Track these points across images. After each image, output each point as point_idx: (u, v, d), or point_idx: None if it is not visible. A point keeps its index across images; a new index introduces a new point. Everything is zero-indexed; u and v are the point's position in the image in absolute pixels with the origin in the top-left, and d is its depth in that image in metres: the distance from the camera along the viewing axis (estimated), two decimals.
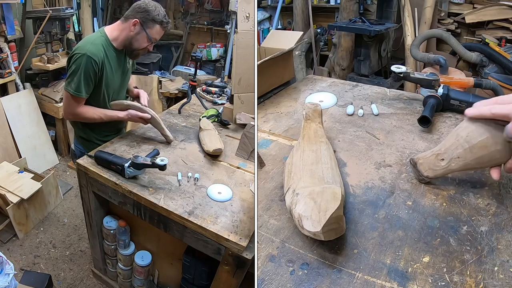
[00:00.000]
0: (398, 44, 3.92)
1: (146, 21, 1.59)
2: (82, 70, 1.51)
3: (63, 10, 3.34)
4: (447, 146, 0.88)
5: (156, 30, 1.62)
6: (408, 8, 3.58)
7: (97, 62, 1.54)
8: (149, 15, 1.58)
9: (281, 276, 0.74)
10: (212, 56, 4.16)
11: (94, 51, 1.53)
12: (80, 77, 1.52)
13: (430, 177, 0.93)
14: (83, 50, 1.52)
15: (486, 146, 0.80)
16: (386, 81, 3.39)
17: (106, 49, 1.59)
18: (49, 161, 3.46)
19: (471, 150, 0.83)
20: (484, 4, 3.31)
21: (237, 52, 1.73)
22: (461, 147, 0.84)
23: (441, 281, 0.69)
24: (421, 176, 0.94)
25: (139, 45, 1.64)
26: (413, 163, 0.96)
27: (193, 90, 2.12)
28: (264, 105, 1.58)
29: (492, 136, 0.79)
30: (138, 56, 1.72)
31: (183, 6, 4.42)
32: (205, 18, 4.41)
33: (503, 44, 3.18)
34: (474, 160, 0.83)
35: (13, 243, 2.56)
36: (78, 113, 1.62)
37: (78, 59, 1.52)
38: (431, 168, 0.92)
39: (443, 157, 0.89)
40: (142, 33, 1.61)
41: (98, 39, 1.60)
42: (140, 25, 1.59)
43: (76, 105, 1.60)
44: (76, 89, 1.54)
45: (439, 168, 0.90)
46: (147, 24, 1.59)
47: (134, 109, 1.66)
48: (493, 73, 2.99)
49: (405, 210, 0.89)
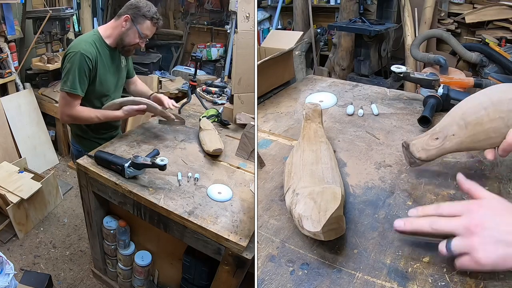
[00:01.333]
0: (398, 44, 3.92)
1: (137, 17, 1.61)
2: (76, 67, 1.53)
3: (63, 10, 3.34)
4: (442, 125, 0.87)
5: (147, 26, 1.64)
6: (408, 8, 3.58)
7: (91, 59, 1.56)
8: (140, 11, 1.61)
9: (281, 276, 0.74)
10: (212, 56, 4.16)
11: (87, 48, 1.56)
12: (74, 74, 1.54)
13: (423, 158, 0.88)
14: (77, 49, 1.55)
15: (481, 123, 0.79)
16: (386, 81, 3.39)
17: (99, 46, 1.62)
18: (49, 161, 3.46)
19: (466, 127, 0.81)
20: (484, 4, 3.31)
21: (237, 52, 1.73)
22: (456, 124, 0.83)
23: (441, 281, 0.69)
24: (413, 158, 0.90)
25: (130, 40, 1.66)
26: (406, 145, 0.92)
27: (193, 90, 2.12)
28: (264, 105, 1.58)
29: (487, 113, 0.78)
30: (130, 52, 1.73)
31: (183, 6, 4.42)
32: (205, 18, 4.41)
33: (503, 44, 3.18)
34: (469, 138, 0.81)
35: (13, 243, 2.56)
36: (74, 113, 1.62)
37: (72, 57, 1.54)
38: (424, 148, 0.88)
39: (438, 136, 0.86)
40: (133, 29, 1.63)
41: (91, 37, 1.63)
42: (131, 21, 1.62)
43: (72, 104, 1.60)
44: (72, 86, 1.55)
45: (433, 147, 0.86)
46: (137, 20, 1.62)
47: (128, 104, 1.66)
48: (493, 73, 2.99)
49: (405, 210, 0.89)
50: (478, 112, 0.80)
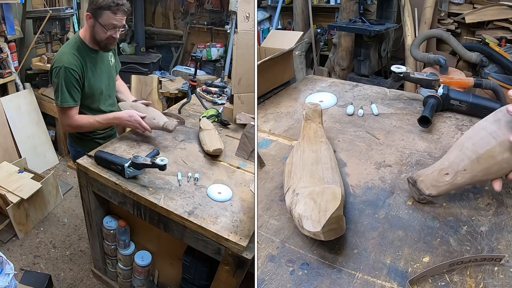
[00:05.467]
0: (398, 44, 3.92)
1: (95, 11, 1.56)
2: (63, 82, 1.55)
3: (63, 10, 3.34)
4: (451, 160, 0.83)
5: (108, 16, 1.55)
6: (408, 8, 3.58)
7: (76, 70, 1.56)
8: (95, 5, 1.55)
9: (281, 276, 0.74)
10: (212, 56, 4.16)
11: (70, 60, 1.56)
12: (63, 88, 1.55)
13: (433, 195, 0.87)
14: (60, 63, 1.55)
15: (493, 155, 0.76)
16: (386, 81, 3.39)
17: (82, 53, 1.61)
18: (49, 161, 3.46)
19: (478, 161, 0.78)
20: (484, 4, 3.31)
21: (237, 52, 1.73)
22: (468, 159, 0.80)
23: (441, 281, 0.69)
24: (422, 195, 0.88)
25: (100, 37, 1.61)
26: (412, 182, 0.90)
27: (193, 90, 2.12)
28: (264, 105, 1.58)
29: (499, 143, 0.75)
30: (108, 47, 1.68)
31: (183, 6, 4.42)
32: (205, 18, 4.41)
33: (503, 44, 3.18)
34: (481, 172, 0.79)
35: (13, 243, 2.56)
36: (74, 123, 1.63)
37: (57, 73, 1.55)
38: (434, 185, 0.86)
39: (447, 171, 0.83)
40: (97, 25, 1.58)
41: (73, 46, 1.61)
42: (92, 18, 1.58)
43: (69, 115, 1.62)
44: (63, 101, 1.57)
45: (443, 183, 0.84)
46: (97, 14, 1.56)
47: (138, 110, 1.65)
48: (493, 73, 2.99)
49: (405, 210, 0.89)
50: (489, 143, 0.77)
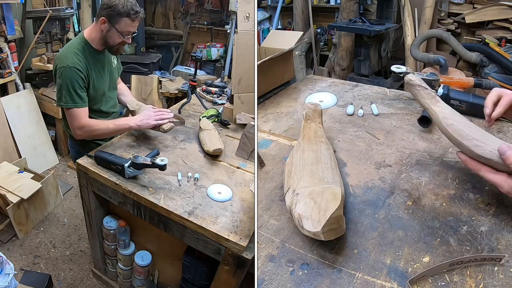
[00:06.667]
0: (398, 44, 3.92)
1: (112, 17, 1.55)
2: (69, 82, 1.53)
3: (63, 10, 3.33)
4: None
5: (125, 23, 1.57)
6: (408, 8, 3.58)
7: (81, 70, 1.55)
8: (114, 11, 1.54)
9: (281, 276, 0.74)
10: (212, 56, 4.17)
11: (75, 61, 1.54)
12: (68, 89, 1.53)
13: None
14: (65, 63, 1.53)
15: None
16: (386, 81, 3.39)
17: (86, 54, 1.59)
18: (49, 161, 3.46)
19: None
20: (484, 4, 3.31)
21: (237, 52, 1.73)
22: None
23: (441, 281, 0.69)
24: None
25: (113, 42, 1.61)
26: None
27: (193, 90, 2.12)
28: (264, 105, 1.58)
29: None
30: (119, 51, 1.69)
31: (183, 6, 4.42)
32: (205, 18, 4.41)
33: (503, 44, 3.18)
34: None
35: (13, 243, 2.55)
36: (85, 125, 1.59)
37: (62, 73, 1.53)
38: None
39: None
40: (112, 30, 1.57)
41: (77, 45, 1.59)
42: (108, 23, 1.56)
43: (80, 116, 1.58)
44: (71, 101, 1.54)
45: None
46: (114, 19, 1.55)
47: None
48: (493, 73, 2.99)
49: (405, 210, 0.89)
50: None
